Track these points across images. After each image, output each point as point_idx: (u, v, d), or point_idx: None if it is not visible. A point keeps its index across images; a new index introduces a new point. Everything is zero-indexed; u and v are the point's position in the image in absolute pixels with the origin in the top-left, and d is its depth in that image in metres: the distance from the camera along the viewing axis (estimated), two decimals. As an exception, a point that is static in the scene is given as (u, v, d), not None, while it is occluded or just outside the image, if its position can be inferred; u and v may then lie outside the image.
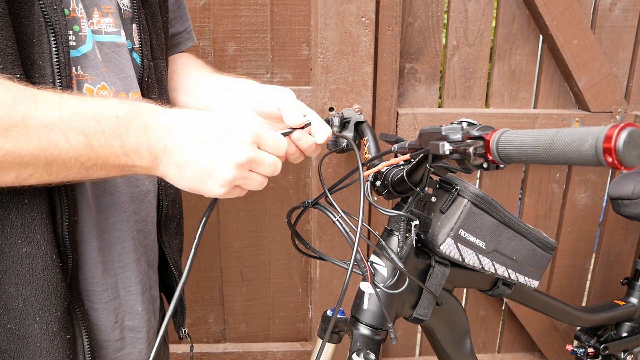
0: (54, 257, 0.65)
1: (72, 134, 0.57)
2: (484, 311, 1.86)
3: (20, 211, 0.62)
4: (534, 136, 0.57)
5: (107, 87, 0.72)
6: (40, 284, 0.65)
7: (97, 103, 0.61)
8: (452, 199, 0.86)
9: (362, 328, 0.87)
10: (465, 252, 0.86)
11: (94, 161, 0.60)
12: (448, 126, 0.67)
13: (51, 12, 0.62)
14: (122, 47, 0.77)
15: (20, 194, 0.62)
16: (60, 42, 0.63)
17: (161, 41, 0.87)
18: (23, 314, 0.65)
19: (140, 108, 0.64)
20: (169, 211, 0.88)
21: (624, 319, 1.49)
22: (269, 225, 1.66)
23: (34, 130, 0.55)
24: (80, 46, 0.69)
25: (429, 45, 1.56)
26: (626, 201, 1.40)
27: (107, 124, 0.60)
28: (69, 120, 0.57)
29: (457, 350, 1.04)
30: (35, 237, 0.63)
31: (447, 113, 1.57)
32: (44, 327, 0.66)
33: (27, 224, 0.63)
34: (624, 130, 0.49)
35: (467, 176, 1.56)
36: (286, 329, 1.80)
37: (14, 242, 0.63)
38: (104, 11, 0.74)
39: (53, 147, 0.56)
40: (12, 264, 0.63)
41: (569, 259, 1.81)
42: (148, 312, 0.85)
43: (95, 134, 0.59)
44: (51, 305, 0.66)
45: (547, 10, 1.49)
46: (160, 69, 0.87)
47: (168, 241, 0.90)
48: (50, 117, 0.56)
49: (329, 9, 1.36)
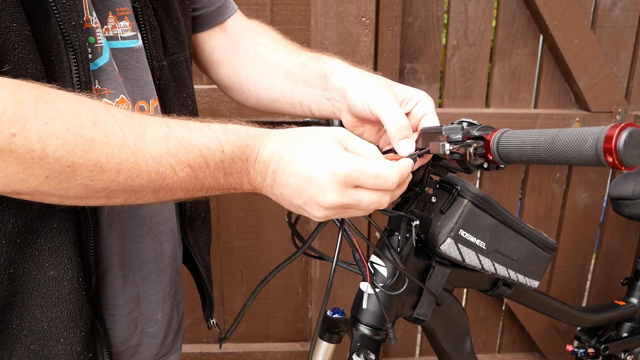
0: (80, 280, 0.65)
1: (179, 167, 0.58)
2: (484, 311, 1.86)
3: (49, 235, 0.62)
4: (535, 136, 0.57)
5: (125, 99, 0.69)
6: (66, 307, 0.64)
7: (202, 134, 0.60)
8: (452, 199, 0.86)
9: (362, 328, 0.87)
10: (466, 252, 0.86)
11: (199, 188, 0.61)
12: (448, 126, 0.67)
13: (69, 28, 0.59)
14: (140, 52, 0.73)
15: (50, 218, 0.61)
16: (80, 59, 0.60)
17: (179, 31, 0.80)
18: (47, 335, 0.64)
19: (244, 141, 0.63)
20: (192, 212, 0.86)
21: (624, 319, 1.48)
22: (269, 225, 1.66)
23: (143, 163, 0.55)
24: (97, 59, 0.66)
25: (429, 45, 1.56)
26: (626, 201, 1.40)
27: (212, 159, 0.60)
28: (176, 153, 0.57)
29: (457, 351, 1.04)
30: (63, 261, 0.63)
31: (447, 113, 1.57)
32: (68, 348, 0.65)
33: (56, 248, 0.62)
34: (625, 130, 0.49)
35: (467, 176, 1.56)
36: (286, 329, 1.80)
37: (41, 265, 0.62)
38: (120, 14, 0.70)
39: (161, 179, 0.57)
40: (38, 287, 0.62)
41: (569, 259, 1.80)
42: (169, 318, 0.84)
43: (200, 167, 0.59)
44: (76, 327, 0.65)
45: (547, 10, 1.49)
46: (179, 64, 0.81)
47: (194, 240, 0.88)
48: (159, 149, 0.56)
49: (329, 9, 1.36)
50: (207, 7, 0.89)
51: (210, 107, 1.50)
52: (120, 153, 0.53)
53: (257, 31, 0.93)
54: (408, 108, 0.73)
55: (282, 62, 0.86)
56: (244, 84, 0.91)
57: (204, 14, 0.89)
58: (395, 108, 0.70)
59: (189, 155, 0.58)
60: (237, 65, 0.91)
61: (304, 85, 0.83)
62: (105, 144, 0.52)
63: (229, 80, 0.93)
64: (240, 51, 0.91)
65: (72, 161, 0.51)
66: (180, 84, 0.81)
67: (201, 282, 0.92)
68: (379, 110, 0.70)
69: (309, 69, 0.83)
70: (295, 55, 0.87)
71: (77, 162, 0.51)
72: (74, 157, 0.51)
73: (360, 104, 0.72)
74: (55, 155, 0.50)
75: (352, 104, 0.74)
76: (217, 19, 0.91)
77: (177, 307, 0.86)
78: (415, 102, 0.73)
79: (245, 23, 0.95)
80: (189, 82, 0.83)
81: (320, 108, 0.82)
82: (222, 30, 0.92)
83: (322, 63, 0.81)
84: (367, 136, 0.79)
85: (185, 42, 0.82)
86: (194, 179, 0.60)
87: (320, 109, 0.82)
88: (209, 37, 0.92)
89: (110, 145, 0.53)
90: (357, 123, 0.77)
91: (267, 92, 0.88)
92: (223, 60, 0.92)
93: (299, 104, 0.85)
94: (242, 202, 1.62)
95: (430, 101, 0.74)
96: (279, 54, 0.88)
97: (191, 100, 0.83)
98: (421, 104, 0.73)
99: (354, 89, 0.74)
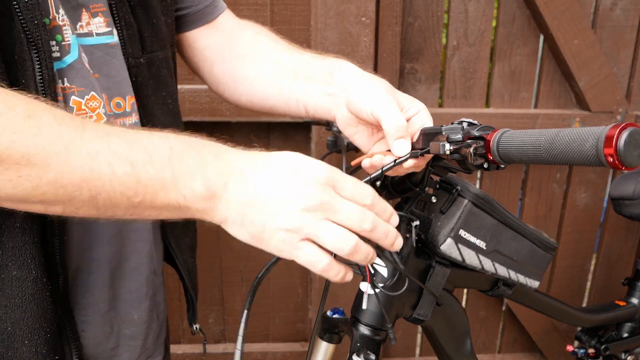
0: (44, 280, 0.63)
1: (118, 164, 0.53)
2: (484, 311, 1.86)
3: (12, 234, 0.61)
4: (535, 136, 0.57)
5: (96, 96, 0.68)
6: (30, 307, 0.63)
7: (150, 135, 0.56)
8: (453, 199, 0.86)
9: (362, 328, 0.87)
10: (466, 253, 0.86)
11: (142, 197, 0.55)
12: (448, 126, 0.67)
13: (32, 27, 0.58)
14: (115, 48, 0.72)
15: (12, 217, 0.60)
16: (44, 58, 0.60)
17: (159, 30, 0.78)
18: (12, 337, 0.63)
19: (200, 141, 0.59)
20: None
21: (624, 320, 1.48)
22: (269, 226, 1.66)
23: (76, 158, 0.52)
24: (65, 56, 0.65)
25: (429, 45, 1.56)
26: (627, 201, 1.40)
27: (158, 155, 0.55)
28: (115, 150, 0.53)
29: (457, 351, 1.03)
30: (26, 261, 0.62)
31: (447, 113, 1.57)
32: (33, 350, 0.65)
33: (19, 247, 0.61)
34: (625, 130, 0.49)
35: (468, 176, 1.56)
36: (286, 329, 1.80)
37: (4, 264, 0.61)
38: (93, 10, 0.70)
39: (96, 177, 0.53)
40: (2, 287, 0.62)
41: (570, 259, 1.80)
42: (149, 320, 0.83)
43: (143, 165, 0.54)
44: (40, 328, 0.64)
45: (547, 10, 1.49)
46: (158, 62, 0.79)
47: (175, 242, 0.88)
48: (97, 145, 0.53)
49: (329, 9, 1.36)
50: (194, 6, 0.88)
51: (210, 107, 1.49)
52: (52, 146, 0.51)
53: (254, 30, 0.93)
54: (407, 115, 0.73)
55: (284, 60, 0.86)
56: (240, 82, 0.90)
57: (191, 12, 0.89)
58: (396, 109, 0.70)
59: (130, 151, 0.54)
60: (233, 62, 0.90)
61: (305, 81, 0.82)
62: (36, 137, 0.50)
63: (223, 77, 0.92)
64: (237, 49, 0.90)
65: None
66: (160, 83, 0.80)
67: (184, 282, 0.92)
68: (379, 109, 0.69)
69: (314, 65, 0.82)
70: (298, 53, 0.87)
71: (4, 153, 0.49)
72: (1, 147, 0.49)
73: (361, 102, 0.72)
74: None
75: (353, 100, 0.73)
76: (205, 17, 0.90)
77: (157, 308, 0.85)
78: (415, 111, 0.73)
79: (239, 22, 0.95)
80: (169, 80, 0.82)
81: (317, 105, 0.81)
82: (214, 28, 0.91)
83: (329, 61, 0.81)
84: (358, 138, 0.78)
85: (166, 41, 0.81)
86: (136, 180, 0.54)
87: (317, 106, 0.81)
88: (199, 35, 0.91)
89: (42, 138, 0.51)
90: (352, 122, 0.76)
91: (264, 89, 0.87)
92: (217, 58, 0.91)
93: (295, 101, 0.83)
94: (242, 202, 1.62)
95: (429, 114, 0.74)
96: (281, 52, 0.88)
97: (171, 99, 0.82)
98: (421, 114, 0.73)
99: (358, 86, 0.74)
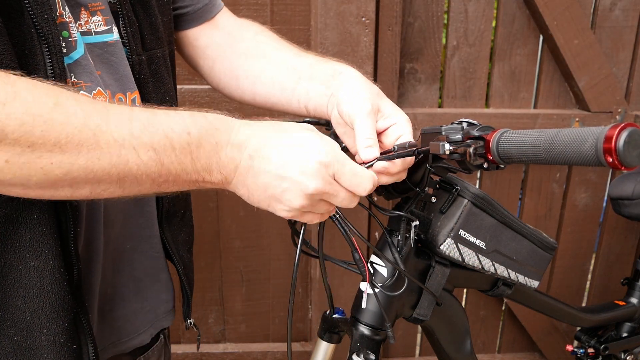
0: (62, 270, 0.65)
1: (142, 150, 0.57)
2: (484, 311, 1.86)
3: (30, 226, 0.62)
4: (535, 136, 0.57)
5: (102, 92, 0.70)
6: (48, 297, 0.65)
7: (167, 117, 0.60)
8: (452, 199, 0.86)
9: (362, 328, 0.87)
10: (466, 252, 0.86)
11: (165, 177, 0.60)
12: (448, 126, 0.67)
13: (42, 22, 0.60)
14: (114, 46, 0.74)
15: (29, 209, 0.62)
16: (54, 52, 0.61)
17: (157, 28, 0.81)
18: (30, 326, 0.65)
19: (213, 124, 0.62)
20: (170, 208, 0.87)
21: (624, 319, 1.48)
22: (269, 225, 1.66)
23: (105, 145, 0.54)
24: (72, 52, 0.67)
25: (429, 45, 1.56)
26: (626, 201, 1.40)
27: (178, 140, 0.59)
28: (139, 136, 0.56)
29: (457, 351, 1.04)
30: (44, 252, 0.63)
31: (447, 113, 1.57)
32: (51, 339, 0.66)
33: (36, 239, 0.63)
34: (625, 130, 0.49)
35: (467, 176, 1.56)
36: (286, 329, 1.80)
37: (22, 256, 0.63)
38: (92, 9, 0.71)
39: (124, 163, 0.56)
40: (20, 277, 0.63)
41: (569, 259, 1.80)
42: (150, 310, 0.85)
43: (165, 150, 0.58)
44: (58, 317, 0.66)
45: (547, 10, 1.49)
46: (156, 60, 0.81)
47: (172, 236, 0.89)
48: (121, 131, 0.55)
49: (329, 9, 1.36)
50: (194, 5, 0.90)
51: (210, 107, 1.49)
52: (81, 134, 0.53)
53: (254, 29, 0.95)
54: (386, 124, 0.77)
55: (288, 60, 0.89)
56: (242, 80, 0.92)
57: (191, 11, 0.91)
58: (368, 120, 0.74)
59: (153, 137, 0.57)
60: (235, 61, 0.92)
61: (308, 82, 0.85)
62: (66, 124, 0.52)
63: (225, 75, 0.94)
64: (239, 48, 0.92)
65: (31, 141, 0.51)
66: (158, 80, 0.82)
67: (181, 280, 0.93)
68: (354, 116, 0.74)
69: (318, 67, 0.86)
70: (302, 55, 0.90)
71: (36, 143, 0.51)
72: (33, 137, 0.51)
73: (344, 106, 0.76)
74: (13, 136, 0.50)
75: (339, 103, 0.78)
76: (205, 15, 0.92)
77: (159, 295, 0.88)
78: (393, 122, 0.77)
79: (238, 21, 0.97)
80: (166, 78, 0.84)
81: (316, 105, 0.84)
82: (214, 27, 0.93)
83: (332, 64, 0.85)
84: (347, 138, 0.80)
85: (163, 39, 0.83)
86: (159, 164, 0.58)
87: (316, 105, 0.84)
88: (200, 34, 0.93)
89: (71, 126, 0.52)
90: (342, 122, 0.79)
91: (266, 87, 0.90)
92: (219, 56, 0.93)
93: (297, 101, 0.86)
94: (242, 202, 1.62)
95: (409, 125, 0.77)
96: (284, 52, 0.90)
97: (169, 96, 0.84)
98: (399, 125, 0.77)
99: (347, 90, 0.78)
